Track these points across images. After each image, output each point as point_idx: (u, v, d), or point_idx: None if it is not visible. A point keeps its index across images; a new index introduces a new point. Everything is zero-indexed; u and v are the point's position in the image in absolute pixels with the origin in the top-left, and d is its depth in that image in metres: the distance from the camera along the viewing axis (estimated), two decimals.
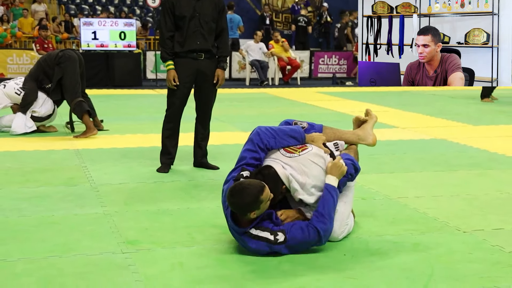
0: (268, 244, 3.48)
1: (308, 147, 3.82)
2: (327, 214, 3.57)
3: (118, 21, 15.15)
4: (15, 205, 4.59)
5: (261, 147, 3.74)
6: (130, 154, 6.53)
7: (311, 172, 3.69)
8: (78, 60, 7.83)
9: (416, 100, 11.82)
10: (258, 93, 13.58)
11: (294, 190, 3.64)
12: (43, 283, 3.17)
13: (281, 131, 3.83)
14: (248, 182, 3.47)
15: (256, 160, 3.73)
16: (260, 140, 3.75)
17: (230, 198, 3.44)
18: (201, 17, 5.58)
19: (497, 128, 8.53)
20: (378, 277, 3.27)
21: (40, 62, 7.91)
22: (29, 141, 7.34)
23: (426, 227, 4.14)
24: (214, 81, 5.67)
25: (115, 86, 14.35)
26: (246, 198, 3.39)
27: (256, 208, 3.42)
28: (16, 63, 15.26)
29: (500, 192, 5.09)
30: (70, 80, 7.69)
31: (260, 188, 3.42)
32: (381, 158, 6.40)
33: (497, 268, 3.42)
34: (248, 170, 3.68)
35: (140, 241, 3.82)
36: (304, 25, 18.74)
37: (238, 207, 3.43)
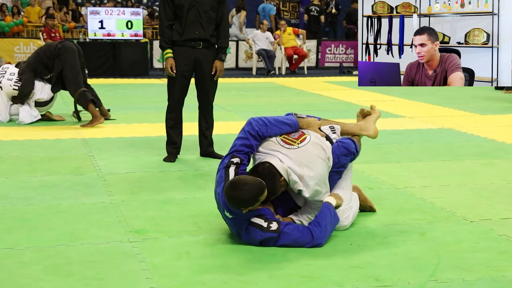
0: (260, 232, 3.48)
1: (306, 137, 3.80)
2: (324, 225, 3.57)
3: (125, 10, 15.13)
4: (23, 194, 4.61)
5: (252, 134, 3.72)
6: (137, 143, 6.54)
7: (310, 164, 3.68)
8: (77, 51, 7.81)
9: (422, 90, 11.78)
10: (264, 83, 13.55)
11: (293, 183, 3.63)
12: (50, 271, 3.19)
13: (273, 118, 3.84)
14: (251, 179, 3.44)
15: (246, 147, 3.70)
16: (252, 128, 3.75)
17: (229, 191, 3.41)
18: (200, 7, 5.57)
19: (505, 118, 8.50)
20: (384, 266, 3.28)
21: (39, 53, 7.87)
22: (36, 130, 7.36)
23: (433, 217, 4.14)
24: (212, 72, 5.67)
25: (121, 75, 14.35)
26: (246, 195, 3.37)
27: (251, 206, 3.42)
28: (23, 52, 15.27)
29: (507, 181, 5.07)
30: (72, 71, 7.68)
31: (261, 188, 3.41)
32: (388, 147, 6.39)
33: (504, 258, 3.42)
34: (238, 156, 3.66)
35: (147, 230, 3.83)
36: (316, 15, 18.65)
37: (235, 201, 3.40)
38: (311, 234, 3.54)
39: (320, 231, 3.55)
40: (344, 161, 3.87)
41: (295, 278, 3.14)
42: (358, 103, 9.82)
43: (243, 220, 3.51)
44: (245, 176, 3.49)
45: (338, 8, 19.68)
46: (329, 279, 3.12)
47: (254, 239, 3.51)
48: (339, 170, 3.87)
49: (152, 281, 3.09)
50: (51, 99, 7.97)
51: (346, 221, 3.85)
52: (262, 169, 3.57)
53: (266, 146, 3.75)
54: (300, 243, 3.53)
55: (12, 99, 7.91)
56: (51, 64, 7.74)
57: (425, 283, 3.09)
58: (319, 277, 3.14)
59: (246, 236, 3.53)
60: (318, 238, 3.54)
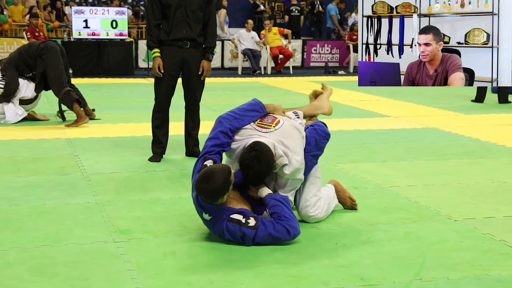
0: (238, 227, 3.49)
1: (279, 120, 3.87)
2: (287, 214, 3.60)
3: (109, 9, 15.06)
4: (7, 195, 4.58)
5: (224, 131, 3.76)
6: (122, 143, 6.52)
7: (290, 144, 3.74)
8: (60, 51, 7.77)
9: (407, 90, 11.83)
10: (250, 82, 13.55)
11: (279, 156, 3.67)
12: (35, 272, 3.17)
13: (240, 110, 3.89)
14: (215, 167, 3.51)
15: (217, 147, 3.74)
16: (222, 125, 3.80)
17: (200, 185, 3.45)
18: (187, 6, 5.56)
19: (488, 117, 8.56)
20: (370, 266, 3.29)
21: (21, 52, 7.82)
22: (20, 130, 7.31)
23: (417, 216, 4.16)
24: (199, 72, 5.66)
25: (106, 75, 14.28)
26: (217, 182, 3.41)
27: (226, 191, 3.47)
28: (7, 51, 15.14)
29: (492, 180, 5.11)
30: (55, 71, 7.64)
31: (227, 170, 3.49)
32: (373, 147, 6.41)
33: (488, 256, 3.44)
34: (211, 158, 3.70)
35: (132, 230, 3.81)
36: (297, 15, 18.69)
37: (210, 193, 3.44)
38: (285, 229, 3.55)
39: (290, 221, 3.57)
40: (322, 144, 4.00)
41: (281, 278, 3.14)
42: (344, 102, 9.85)
43: (223, 217, 3.52)
44: (207, 167, 3.54)
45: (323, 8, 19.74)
46: (315, 278, 3.13)
47: (235, 234, 3.51)
48: (317, 153, 3.97)
49: (137, 281, 3.08)
50: (35, 97, 7.92)
51: (316, 211, 3.92)
52: (260, 147, 3.60)
53: (243, 134, 3.80)
54: (276, 238, 3.53)
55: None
56: (33, 63, 7.70)
57: (410, 282, 3.10)
58: (305, 277, 3.15)
59: (227, 234, 3.53)
60: (293, 229, 3.56)
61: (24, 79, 7.81)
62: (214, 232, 3.61)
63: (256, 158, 3.55)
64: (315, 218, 3.93)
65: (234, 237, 3.52)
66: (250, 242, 3.52)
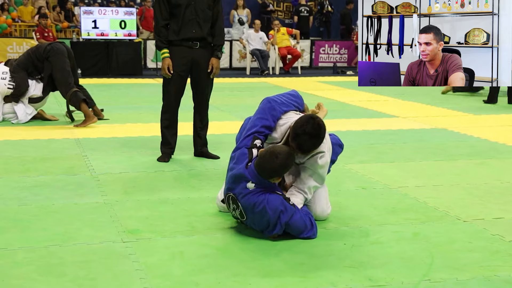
0: (281, 200, 3.59)
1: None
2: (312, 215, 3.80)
3: (118, 9, 15.10)
4: (16, 194, 4.60)
5: (275, 115, 3.86)
6: (131, 143, 6.53)
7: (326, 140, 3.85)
8: (66, 52, 7.80)
9: (416, 90, 11.80)
10: (258, 83, 13.55)
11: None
12: (43, 271, 3.18)
13: (287, 96, 4.03)
14: (280, 150, 3.60)
15: (266, 129, 3.83)
16: (274, 109, 3.88)
17: (265, 164, 3.54)
18: (196, 5, 5.55)
19: (498, 118, 8.53)
20: (378, 266, 3.28)
21: (30, 54, 7.88)
22: (29, 130, 7.34)
23: (426, 217, 4.14)
24: (208, 70, 5.66)
25: (115, 75, 14.32)
26: (283, 160, 3.54)
27: (286, 171, 3.63)
28: (16, 52, 15.22)
29: (500, 181, 5.09)
30: (62, 73, 7.67)
31: (292, 154, 3.62)
32: (381, 147, 6.40)
33: (497, 257, 3.43)
34: (260, 138, 3.79)
35: (140, 230, 3.82)
36: (306, 15, 18.69)
37: (273, 169, 3.54)
38: (311, 223, 3.68)
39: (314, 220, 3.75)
40: (338, 151, 4.14)
41: (289, 278, 3.14)
42: (352, 103, 9.83)
43: (267, 191, 3.60)
44: (274, 148, 3.64)
45: (332, 8, 19.72)
46: (323, 279, 3.12)
47: (276, 206, 3.56)
48: (333, 159, 4.09)
49: (145, 281, 3.08)
50: (44, 95, 7.96)
51: (329, 209, 4.03)
52: (318, 118, 3.66)
53: (288, 115, 3.88)
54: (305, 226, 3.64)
55: (5, 98, 7.89)
56: (41, 65, 7.76)
57: (418, 282, 3.09)
58: (313, 277, 3.14)
59: (266, 205, 3.57)
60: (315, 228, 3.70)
61: (33, 79, 7.87)
62: (245, 202, 3.62)
63: (317, 124, 3.61)
64: (328, 214, 4.02)
65: (272, 209, 3.56)
66: (287, 219, 3.58)
